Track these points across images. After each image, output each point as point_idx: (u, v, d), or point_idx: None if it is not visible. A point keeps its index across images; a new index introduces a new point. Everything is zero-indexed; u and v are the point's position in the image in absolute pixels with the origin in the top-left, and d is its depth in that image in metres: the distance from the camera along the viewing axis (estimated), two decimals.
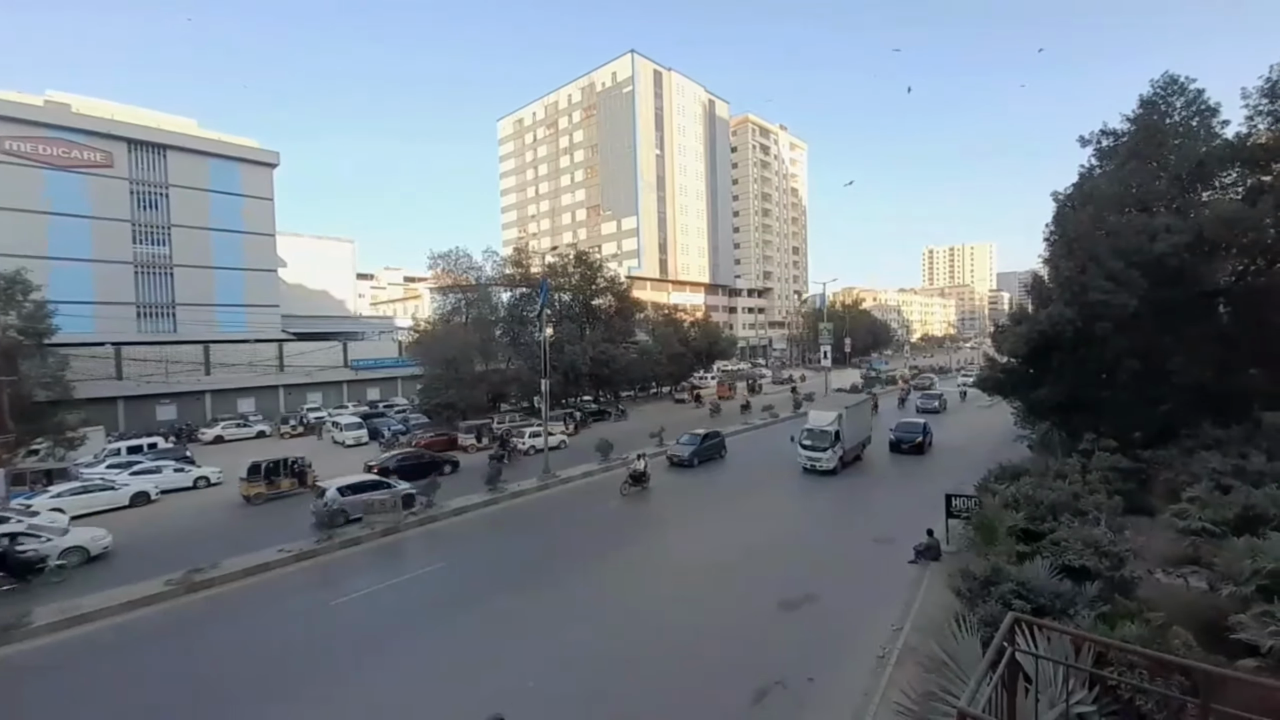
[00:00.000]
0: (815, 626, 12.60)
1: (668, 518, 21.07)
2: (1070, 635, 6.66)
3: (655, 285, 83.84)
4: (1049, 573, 10.11)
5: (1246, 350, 19.93)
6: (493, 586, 15.20)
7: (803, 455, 25.74)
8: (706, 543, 18.14)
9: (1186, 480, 15.01)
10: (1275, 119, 20.22)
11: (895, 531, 17.74)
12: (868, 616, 12.77)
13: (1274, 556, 9.55)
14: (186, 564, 15.90)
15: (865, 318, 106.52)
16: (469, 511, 21.91)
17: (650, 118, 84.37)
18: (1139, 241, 19.23)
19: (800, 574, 15.26)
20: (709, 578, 15.31)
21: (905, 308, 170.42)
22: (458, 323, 44.31)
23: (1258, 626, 8.14)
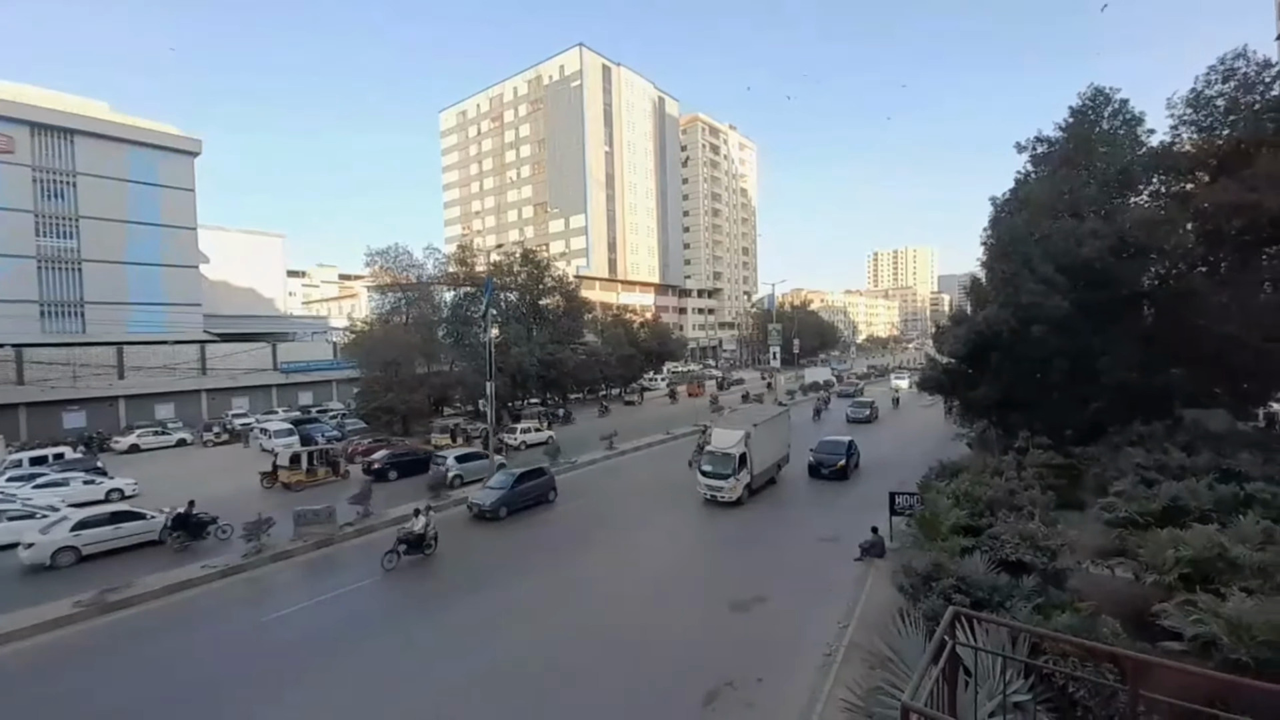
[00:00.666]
0: (765, 627, 12.69)
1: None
2: (1007, 627, 6.81)
3: (604, 285, 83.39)
4: (987, 567, 10.45)
5: (1168, 350, 21.38)
6: (431, 599, 14.61)
7: (702, 484, 21.51)
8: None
9: (1114, 475, 15.90)
10: (1199, 128, 21.82)
11: (841, 530, 18.10)
12: (816, 615, 12.92)
13: (1194, 547, 10.18)
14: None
15: (813, 319, 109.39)
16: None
17: (599, 113, 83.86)
18: (1068, 246, 20.35)
19: (749, 572, 15.32)
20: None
21: (851, 309, 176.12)
22: (397, 323, 42.76)
23: (1180, 614, 8.59)
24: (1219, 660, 7.70)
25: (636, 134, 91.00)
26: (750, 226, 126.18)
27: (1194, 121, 21.90)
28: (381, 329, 41.59)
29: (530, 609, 13.96)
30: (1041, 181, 24.18)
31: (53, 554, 16.73)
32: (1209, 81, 21.23)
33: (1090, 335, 20.69)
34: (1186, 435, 18.38)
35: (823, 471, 24.90)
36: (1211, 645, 7.85)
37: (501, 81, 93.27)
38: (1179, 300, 21.61)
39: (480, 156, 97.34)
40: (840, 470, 24.74)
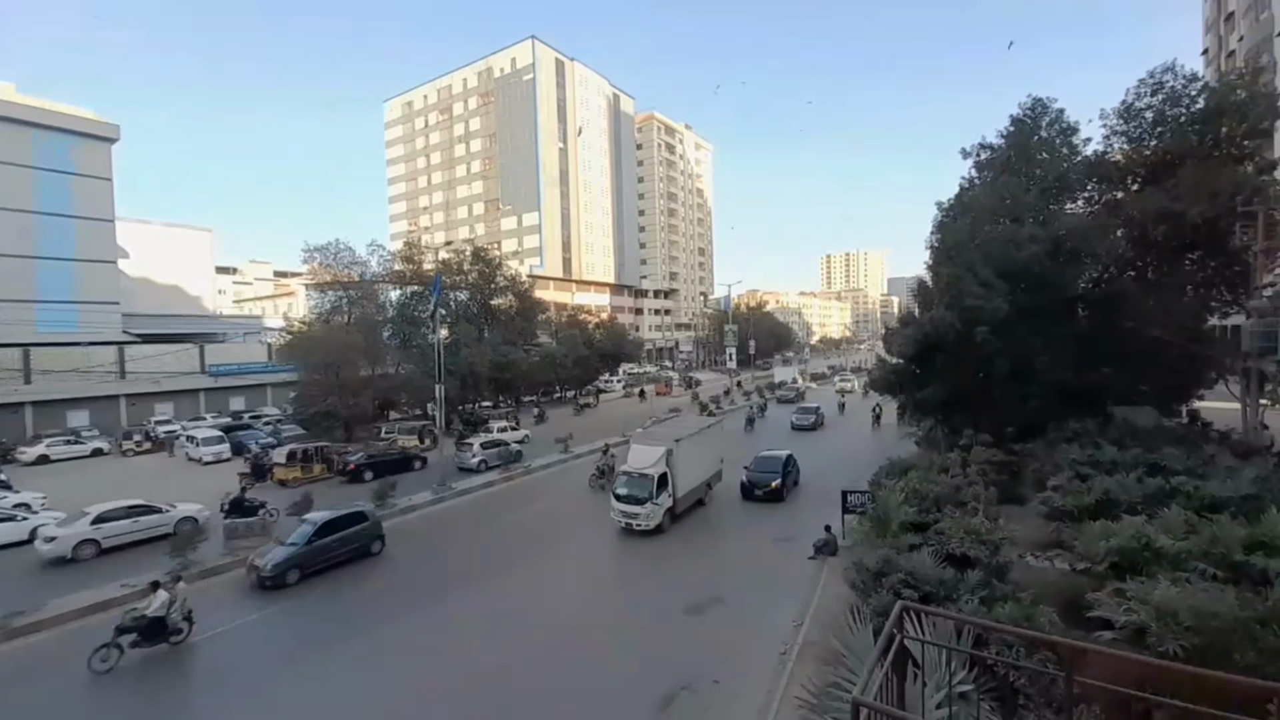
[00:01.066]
0: (721, 629, 12.74)
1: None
2: (952, 619, 6.96)
3: (559, 285, 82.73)
4: (935, 562, 10.73)
5: (1101, 351, 22.63)
6: (372, 614, 13.98)
7: (616, 510, 18.93)
8: None
9: (1051, 470, 16.70)
10: (1128, 139, 23.17)
11: (795, 531, 18.38)
12: (772, 615, 13.04)
13: (1123, 538, 10.73)
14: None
15: (768, 320, 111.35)
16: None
17: (552, 109, 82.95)
18: (1008, 250, 21.30)
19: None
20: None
21: (806, 310, 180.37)
22: (339, 323, 41.29)
23: (1111, 603, 9.00)
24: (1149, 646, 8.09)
25: (591, 131, 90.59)
26: (706, 227, 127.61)
27: (1124, 132, 23.23)
28: (321, 329, 40.03)
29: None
30: (984, 187, 25.21)
31: (74, 547, 17.40)
32: (1139, 94, 22.53)
33: (1029, 336, 21.66)
34: (1117, 431, 19.51)
35: (756, 493, 22.24)
36: (1142, 632, 8.26)
37: (450, 72, 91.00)
38: (1110, 303, 22.91)
39: (428, 150, 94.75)
40: (775, 491, 22.06)
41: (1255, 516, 11.26)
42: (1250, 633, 7.74)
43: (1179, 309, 21.93)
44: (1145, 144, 22.88)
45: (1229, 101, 21.24)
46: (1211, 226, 20.17)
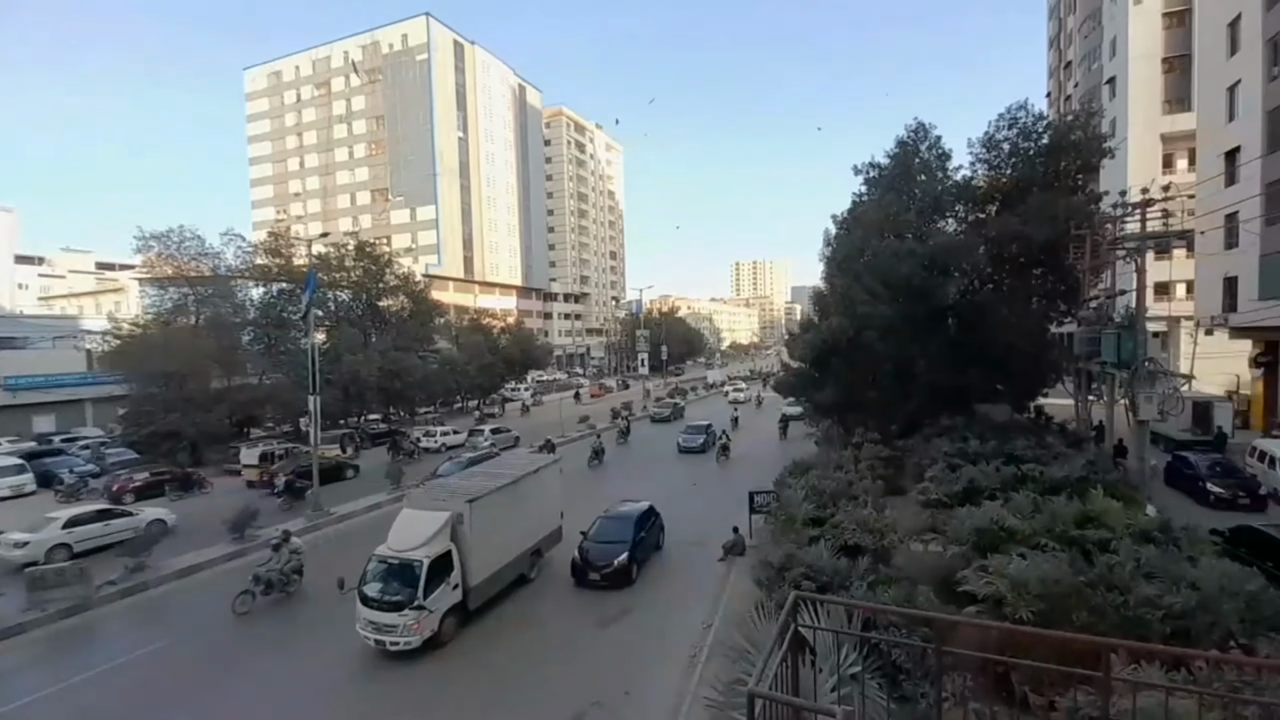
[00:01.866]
0: (633, 639, 12.82)
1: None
2: (839, 604, 7.70)
3: (459, 286, 78.98)
4: (830, 553, 11.77)
5: (967, 355, 25.50)
6: (233, 662, 12.30)
7: (362, 619, 12.08)
8: None
9: (927, 463, 18.69)
10: (990, 166, 26.28)
11: (705, 535, 18.76)
12: (682, 619, 13.30)
13: (983, 520, 12.37)
14: None
15: (681, 325, 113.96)
16: (205, 570, 17.35)
17: (450, 94, 78.54)
18: (892, 263, 23.57)
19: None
20: None
21: (716, 316, 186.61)
22: (184, 325, 35.93)
23: (975, 578, 10.39)
24: (1006, 614, 9.42)
25: (495, 122, 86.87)
26: (618, 230, 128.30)
27: (986, 160, 26.40)
28: (161, 333, 34.40)
29: None
30: (872, 204, 27.59)
31: (47, 551, 17.26)
32: (998, 127, 25.67)
33: (910, 342, 24.00)
34: (980, 426, 22.14)
35: (591, 576, 15.03)
36: (1000, 602, 9.61)
37: (329, 43, 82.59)
38: (974, 312, 25.88)
39: (301, 128, 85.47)
40: (619, 572, 14.94)
41: (1084, 495, 13.41)
42: (1084, 596, 9.26)
43: (1027, 318, 25.25)
44: (1003, 172, 26.12)
45: (1067, 140, 24.83)
46: (1052, 247, 23.42)
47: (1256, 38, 26.46)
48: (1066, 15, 59.88)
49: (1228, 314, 29.06)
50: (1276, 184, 25.30)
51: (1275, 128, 25.32)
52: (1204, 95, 32.89)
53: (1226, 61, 29.18)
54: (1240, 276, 28.07)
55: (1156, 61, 41.31)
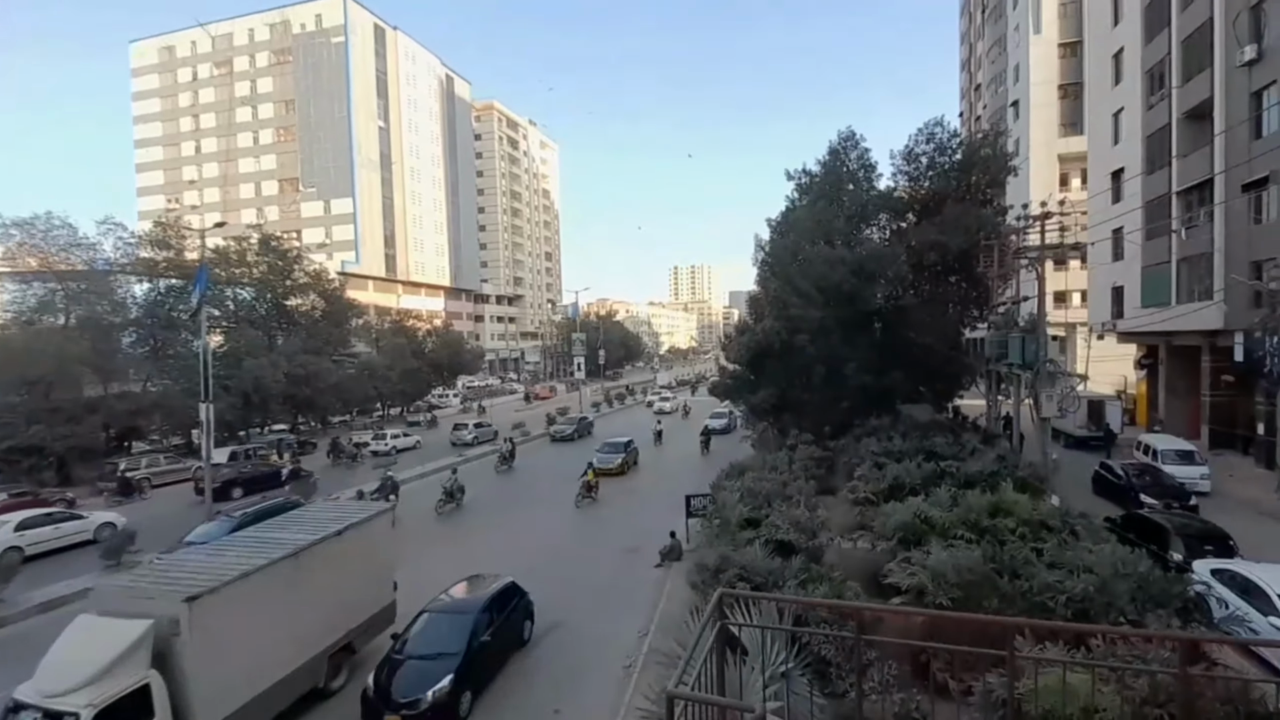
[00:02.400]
0: (566, 653, 12.55)
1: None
2: (771, 600, 7.88)
3: (381, 285, 75.36)
4: (764, 553, 12.05)
5: (892, 358, 26.88)
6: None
7: None
8: None
9: (856, 462, 19.49)
10: (910, 178, 27.86)
11: (640, 541, 18.75)
12: (618, 629, 13.15)
13: (906, 514, 13.05)
14: None
15: (619, 329, 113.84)
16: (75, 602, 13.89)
17: (370, 80, 75.00)
18: (824, 269, 24.59)
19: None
20: None
21: (655, 320, 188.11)
22: (50, 326, 32.17)
23: (900, 570, 10.95)
24: (928, 603, 9.98)
25: (419, 113, 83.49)
26: (554, 230, 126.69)
27: (907, 172, 28.00)
28: (21, 334, 30.90)
29: None
30: (804, 209, 28.66)
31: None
32: (917, 141, 27.31)
33: (841, 345, 25.06)
34: (904, 426, 23.35)
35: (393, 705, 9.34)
36: (922, 592, 10.17)
37: (230, 19, 76.75)
38: (897, 316, 27.33)
39: (197, 110, 79.06)
40: (437, 712, 9.32)
41: (995, 488, 14.40)
42: (994, 583, 9.93)
43: (944, 323, 26.93)
44: (921, 184, 27.78)
45: (978, 156, 26.74)
46: (966, 256, 25.13)
47: (1137, 69, 29.47)
48: (976, 40, 64.60)
49: (1115, 320, 32.09)
50: (1155, 202, 28.21)
51: (1153, 151, 28.24)
52: (1093, 120, 36.29)
53: (1112, 90, 32.33)
54: (1126, 286, 31.08)
55: (1054, 88, 45.26)
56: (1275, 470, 18.98)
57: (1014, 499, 13.57)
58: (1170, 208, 26.91)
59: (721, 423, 36.46)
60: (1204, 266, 24.68)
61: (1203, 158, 24.65)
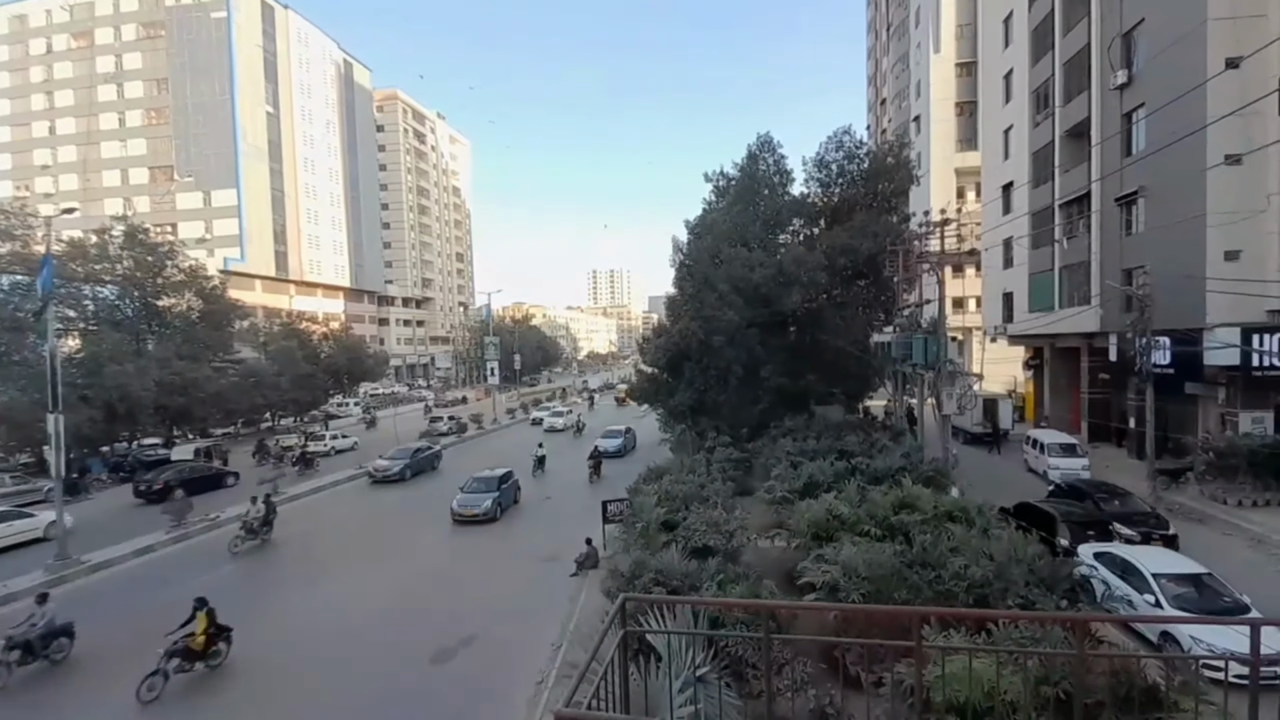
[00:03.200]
0: (475, 672, 11.97)
1: None
2: (675, 603, 7.66)
3: (271, 286, 70.41)
4: (681, 556, 11.94)
5: (806, 360, 27.88)
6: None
7: None
8: None
9: (773, 462, 19.94)
10: (821, 185, 29.02)
11: (559, 549, 18.25)
12: (532, 643, 12.69)
13: (818, 512, 13.38)
14: None
15: (535, 333, 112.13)
16: None
17: (256, 62, 69.61)
18: (743, 272, 25.11)
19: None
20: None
21: (573, 325, 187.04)
22: None
23: (814, 567, 11.14)
24: (840, 598, 10.16)
25: (314, 100, 78.65)
26: (465, 230, 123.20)
27: (818, 179, 29.18)
28: None
29: None
30: (721, 213, 29.25)
31: None
32: (827, 149, 28.53)
33: (758, 347, 25.70)
34: (818, 426, 24.21)
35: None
36: (835, 588, 10.36)
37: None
38: (811, 320, 28.40)
39: (52, 86, 71.13)
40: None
41: (900, 484, 15.12)
42: (903, 575, 10.29)
43: (854, 326, 28.26)
44: (832, 190, 29.06)
45: (884, 165, 28.31)
46: (874, 261, 26.49)
47: (1025, 89, 32.35)
48: (882, 56, 69.04)
49: (1006, 324, 34.99)
50: (1040, 213, 31.00)
51: (1039, 166, 31.06)
52: (986, 136, 39.54)
53: (1003, 108, 35.34)
54: (1015, 292, 33.95)
55: (951, 105, 48.97)
56: (1145, 460, 21.12)
57: (918, 493, 14.30)
58: (1054, 218, 29.66)
59: (615, 444, 31.08)
60: (1083, 274, 27.34)
61: (1081, 173, 27.37)
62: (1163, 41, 21.64)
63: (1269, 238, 19.63)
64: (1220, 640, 9.63)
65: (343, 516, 24.39)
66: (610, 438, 30.68)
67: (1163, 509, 18.80)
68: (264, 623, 14.07)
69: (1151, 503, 18.63)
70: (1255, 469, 18.38)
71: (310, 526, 22.60)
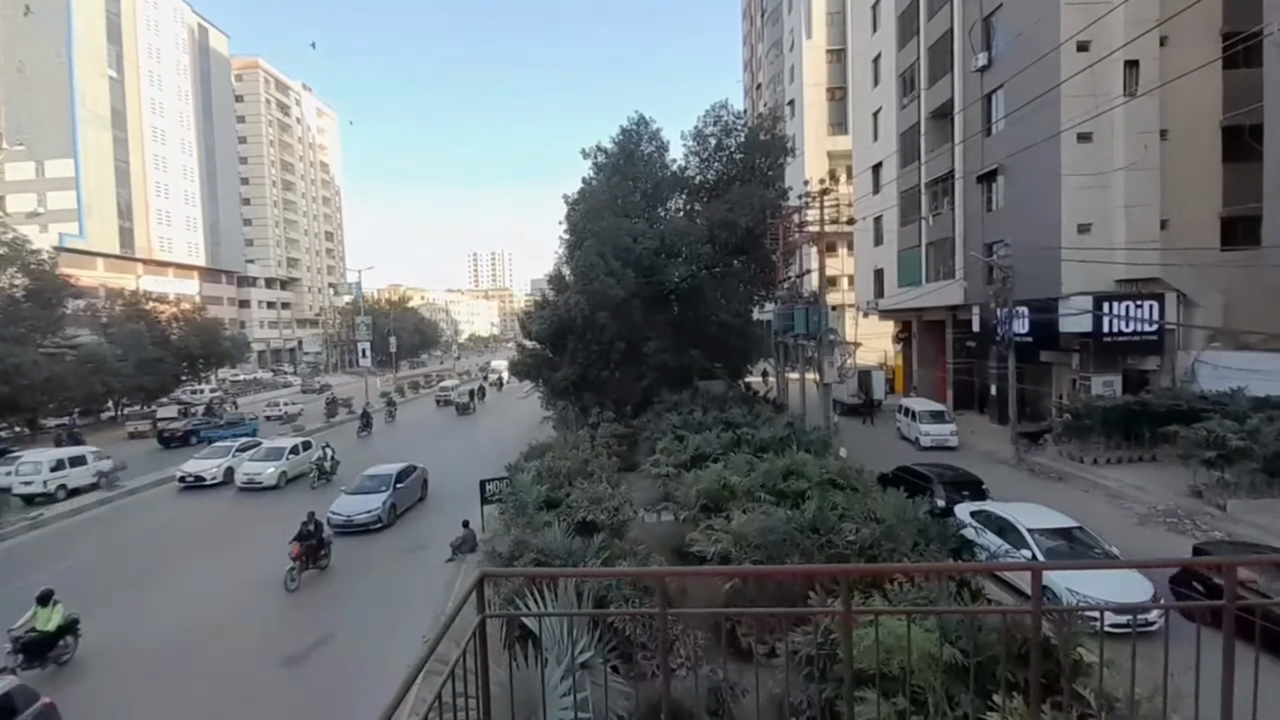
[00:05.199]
0: (331, 675, 10.85)
1: None
2: (545, 576, 6.92)
3: (116, 264, 63.50)
4: (564, 533, 11.09)
5: (689, 335, 27.84)
6: None
7: None
8: None
9: (658, 436, 19.61)
10: (700, 159, 28.95)
11: (430, 537, 17.23)
12: (400, 637, 11.66)
13: (708, 481, 13.06)
14: None
15: (413, 316, 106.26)
16: None
17: (99, 23, 62.56)
18: (626, 241, 24.45)
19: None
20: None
21: (454, 308, 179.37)
22: None
23: (704, 538, 10.73)
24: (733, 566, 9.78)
25: (164, 65, 71.22)
26: (335, 208, 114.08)
27: (697, 153, 29.18)
28: None
29: None
30: (601, 183, 28.40)
31: None
32: (705, 122, 28.53)
33: (642, 322, 25.27)
34: (702, 400, 24.30)
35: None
36: (726, 558, 9.98)
37: None
38: (695, 294, 28.45)
39: None
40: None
41: (785, 452, 15.24)
42: (795, 540, 10.10)
43: (735, 300, 28.70)
44: (711, 165, 29.19)
45: (759, 141, 28.81)
46: (754, 235, 26.89)
47: (892, 73, 34.28)
48: (757, 42, 71.21)
49: (878, 299, 37.34)
50: (908, 192, 33.12)
51: (906, 146, 33.11)
52: (856, 119, 41.76)
53: (871, 91, 37.35)
54: (886, 268, 36.25)
55: (823, 90, 51.38)
56: (1006, 425, 23.13)
57: (804, 460, 14.44)
58: (920, 198, 31.76)
59: (367, 507, 18.53)
60: (948, 249, 29.54)
61: (945, 153, 29.37)
62: (1020, 25, 23.43)
63: (1116, 211, 21.90)
64: (1089, 589, 10.16)
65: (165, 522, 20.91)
66: (364, 494, 19.15)
67: (1025, 470, 20.64)
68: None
69: (1014, 463, 20.37)
70: (1108, 428, 20.24)
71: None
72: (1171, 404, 19.40)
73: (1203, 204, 22.13)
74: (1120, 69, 21.11)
